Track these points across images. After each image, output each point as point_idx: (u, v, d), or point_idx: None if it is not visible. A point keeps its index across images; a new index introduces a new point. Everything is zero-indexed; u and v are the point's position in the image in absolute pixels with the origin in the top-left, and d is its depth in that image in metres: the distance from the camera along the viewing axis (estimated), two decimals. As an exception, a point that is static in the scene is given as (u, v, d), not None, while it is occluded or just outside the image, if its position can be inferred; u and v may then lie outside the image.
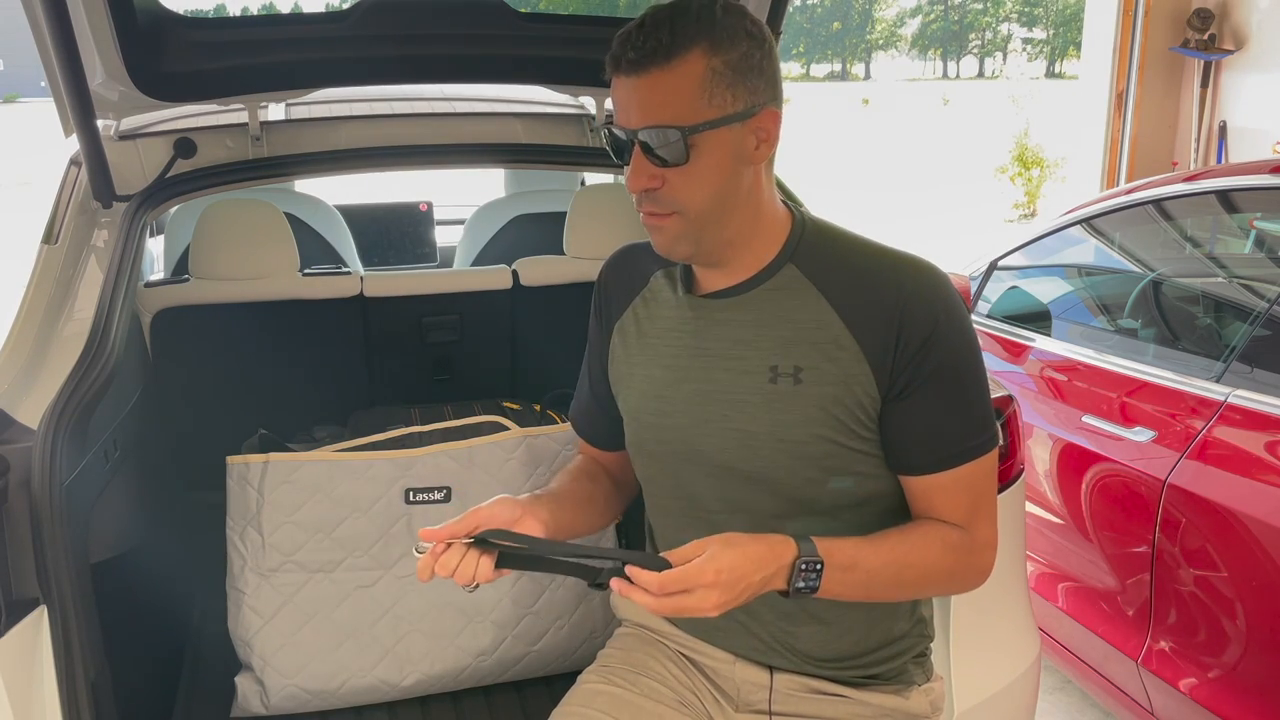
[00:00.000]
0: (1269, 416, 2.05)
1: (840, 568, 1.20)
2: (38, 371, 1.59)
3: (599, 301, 1.49)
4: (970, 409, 1.28)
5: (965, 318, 1.28)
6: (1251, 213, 2.63)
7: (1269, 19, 6.11)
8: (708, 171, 1.20)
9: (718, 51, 1.17)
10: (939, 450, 1.27)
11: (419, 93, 2.45)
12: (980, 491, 1.31)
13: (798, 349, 1.27)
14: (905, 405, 1.25)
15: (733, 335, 1.30)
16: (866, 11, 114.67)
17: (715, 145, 1.19)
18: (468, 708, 1.94)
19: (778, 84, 1.23)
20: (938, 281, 1.26)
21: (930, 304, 1.23)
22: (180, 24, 1.87)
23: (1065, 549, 2.57)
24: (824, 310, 1.26)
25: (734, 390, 1.29)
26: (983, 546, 1.32)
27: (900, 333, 1.22)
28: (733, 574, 1.13)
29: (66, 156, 2.02)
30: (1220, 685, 2.07)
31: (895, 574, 1.25)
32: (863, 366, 1.24)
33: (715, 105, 1.18)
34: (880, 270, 1.26)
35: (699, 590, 1.11)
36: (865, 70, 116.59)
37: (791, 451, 1.27)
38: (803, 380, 1.26)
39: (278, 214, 2.24)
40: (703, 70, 1.17)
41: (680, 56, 1.16)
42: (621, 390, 1.42)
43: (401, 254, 3.74)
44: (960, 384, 1.27)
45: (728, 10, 1.19)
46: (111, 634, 1.54)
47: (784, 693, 1.39)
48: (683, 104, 1.17)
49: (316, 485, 1.88)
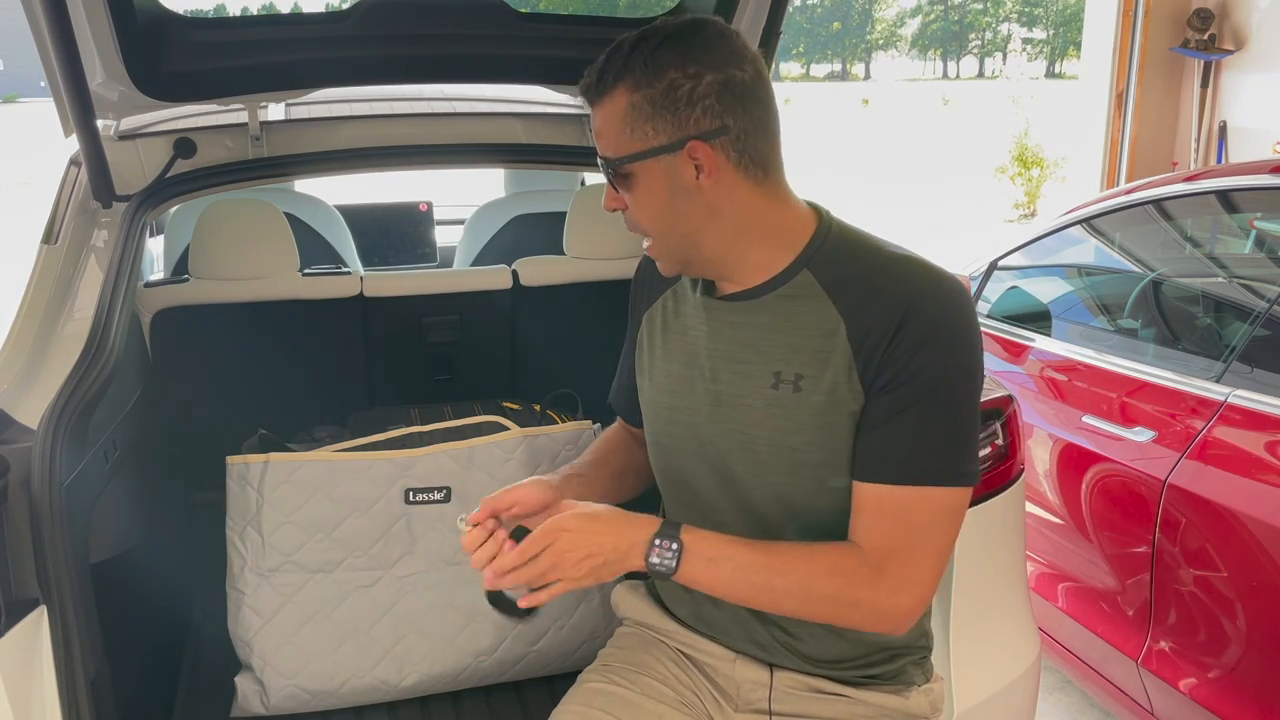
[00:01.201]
0: (1269, 416, 2.05)
1: (704, 557, 1.21)
2: (37, 371, 1.59)
3: (634, 293, 1.52)
4: (945, 434, 1.21)
5: (973, 338, 1.22)
6: (1251, 213, 2.63)
7: (1269, 19, 6.11)
8: (645, 199, 1.26)
9: (639, 87, 1.21)
10: (892, 460, 1.20)
11: (419, 93, 2.45)
12: (918, 527, 1.20)
13: (802, 356, 1.26)
14: (880, 401, 1.21)
15: (742, 339, 1.31)
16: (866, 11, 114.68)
17: (645, 175, 1.24)
18: (468, 708, 1.94)
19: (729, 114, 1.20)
20: (954, 292, 1.21)
21: (939, 311, 1.20)
22: (180, 24, 1.87)
23: (1065, 549, 2.57)
24: (832, 318, 1.25)
25: (739, 393, 1.30)
26: (891, 587, 1.19)
27: (898, 330, 1.19)
28: (581, 536, 1.20)
29: (66, 156, 2.02)
30: (1220, 685, 2.07)
31: (765, 580, 1.20)
32: (853, 374, 1.22)
33: (637, 139, 1.23)
34: (895, 273, 1.23)
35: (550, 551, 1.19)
36: (865, 70, 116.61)
37: (790, 458, 1.27)
38: (802, 389, 1.25)
39: (278, 214, 2.24)
40: (624, 106, 1.22)
41: (609, 93, 1.23)
42: (643, 380, 1.44)
43: (401, 254, 3.74)
44: (943, 402, 1.20)
45: (666, 44, 1.21)
46: (111, 634, 1.54)
47: (784, 691, 1.39)
48: (611, 137, 1.25)
49: (316, 485, 1.88)
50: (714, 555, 1.21)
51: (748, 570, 1.21)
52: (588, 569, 1.21)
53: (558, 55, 2.07)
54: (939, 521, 1.21)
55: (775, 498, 1.30)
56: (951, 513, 1.22)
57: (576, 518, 1.22)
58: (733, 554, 1.22)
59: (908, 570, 1.20)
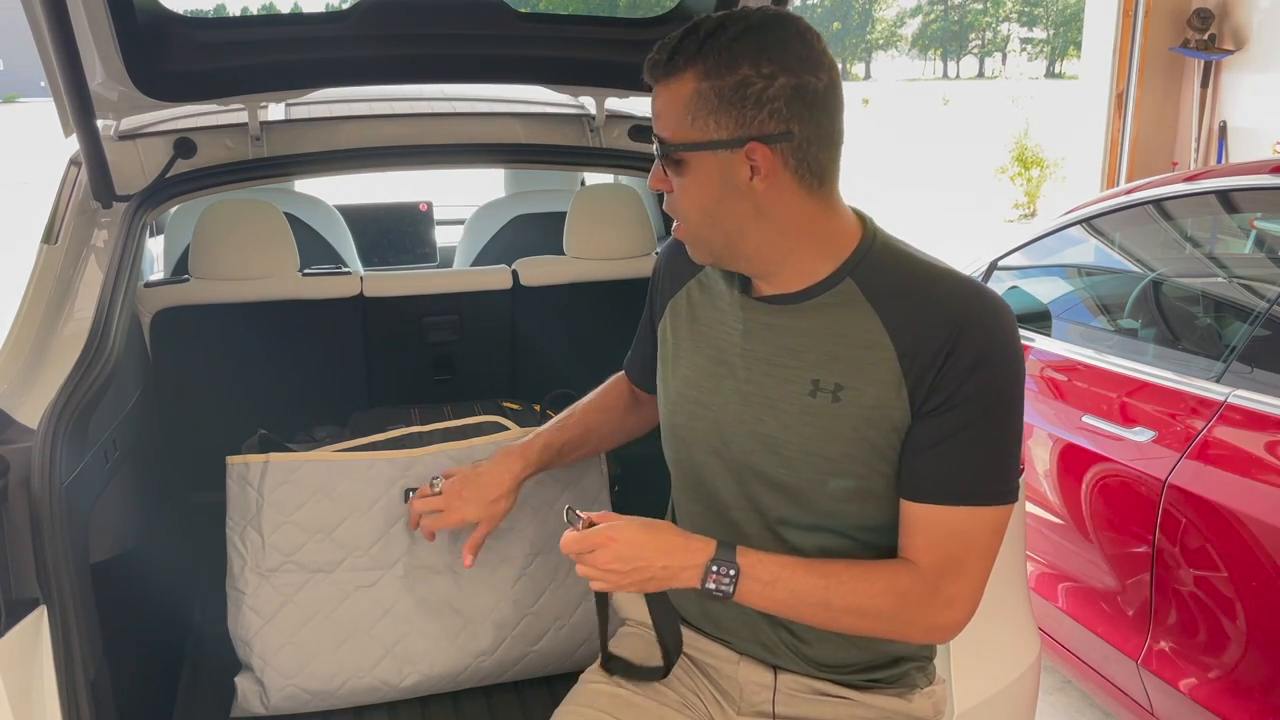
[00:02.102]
0: (1269, 416, 2.05)
1: (760, 580, 1.21)
2: (37, 371, 1.59)
3: (654, 283, 1.51)
4: (994, 452, 1.22)
5: (1020, 360, 1.23)
6: (1251, 213, 2.63)
7: (1269, 19, 6.11)
8: (695, 189, 1.23)
9: (709, 77, 1.17)
10: (943, 481, 1.21)
11: (419, 93, 2.45)
12: (970, 545, 1.22)
13: (842, 366, 1.24)
14: (932, 423, 1.21)
15: (781, 342, 1.29)
16: (866, 11, 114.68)
17: (698, 166, 1.21)
18: (468, 708, 1.94)
19: (795, 120, 1.17)
20: (1001, 315, 1.21)
21: (989, 333, 1.19)
22: (180, 24, 1.87)
23: (1065, 549, 2.57)
24: (876, 330, 1.23)
25: (772, 397, 1.28)
26: (945, 603, 1.23)
27: (950, 355, 1.18)
28: (629, 549, 1.23)
29: (66, 156, 2.02)
30: (1220, 685, 2.07)
31: (823, 600, 1.22)
32: (901, 392, 1.21)
33: (697, 128, 1.19)
34: (945, 294, 1.21)
35: (594, 552, 1.23)
36: (865, 70, 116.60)
37: (819, 466, 1.26)
38: (841, 399, 1.24)
39: (278, 214, 2.24)
40: (690, 92, 1.19)
41: (677, 75, 1.19)
42: (666, 370, 1.43)
43: (401, 254, 3.74)
44: (994, 423, 1.21)
45: (745, 36, 1.17)
46: (111, 634, 1.54)
47: (787, 693, 1.39)
48: (671, 120, 1.21)
49: (316, 485, 1.88)
50: (771, 579, 1.22)
51: (804, 591, 1.22)
52: (633, 580, 1.24)
53: (558, 55, 2.07)
54: (988, 538, 1.23)
55: (792, 502, 1.29)
56: (998, 529, 1.24)
57: (635, 529, 1.25)
58: (789, 576, 1.22)
59: (959, 586, 1.23)
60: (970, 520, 1.22)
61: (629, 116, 2.35)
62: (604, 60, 2.06)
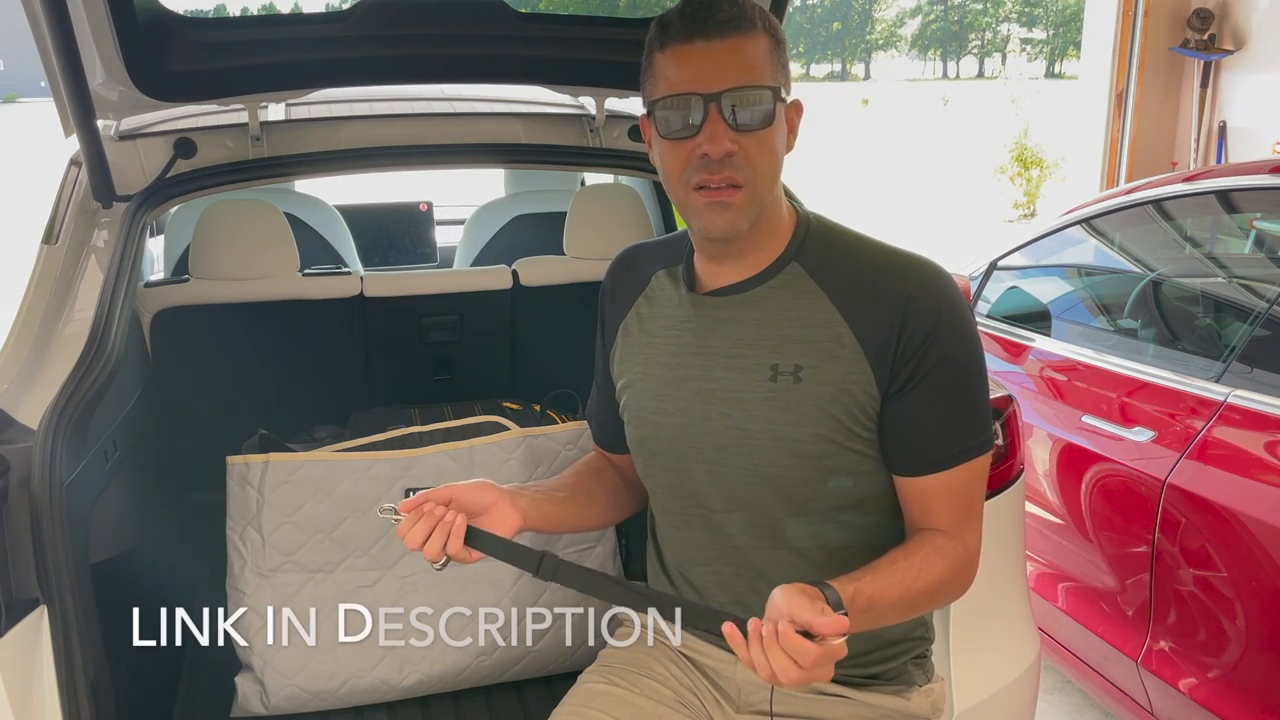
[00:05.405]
0: (1269, 416, 2.05)
1: (860, 611, 1.16)
2: (38, 371, 1.59)
3: (603, 306, 1.49)
4: (970, 408, 1.29)
5: (968, 317, 1.28)
6: (1251, 213, 2.63)
7: (1269, 19, 6.11)
8: (775, 140, 1.24)
9: (772, 32, 1.23)
10: (937, 450, 1.27)
11: (419, 93, 2.45)
12: (972, 496, 1.30)
13: (799, 348, 1.27)
14: (905, 402, 1.26)
15: (734, 333, 1.31)
16: (866, 11, 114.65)
17: (780, 116, 1.25)
18: (468, 708, 1.94)
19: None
20: (941, 280, 1.27)
21: (934, 300, 1.24)
22: (180, 24, 1.87)
23: (1065, 549, 2.57)
24: (826, 309, 1.27)
25: (734, 388, 1.30)
26: (974, 555, 1.31)
27: (902, 330, 1.23)
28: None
29: (66, 156, 2.02)
30: (1220, 685, 2.07)
31: (906, 603, 1.23)
32: (863, 365, 1.25)
33: (779, 79, 1.24)
34: (884, 268, 1.27)
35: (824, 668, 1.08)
36: (865, 70, 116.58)
37: (790, 450, 1.27)
38: (803, 379, 1.26)
39: (278, 214, 2.24)
40: (767, 44, 1.23)
41: (754, 29, 1.22)
42: (624, 389, 1.42)
43: (401, 254, 3.74)
44: (961, 382, 1.27)
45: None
46: (111, 634, 1.54)
47: (785, 693, 1.38)
48: (765, 69, 1.22)
49: (316, 485, 1.88)
50: (865, 606, 1.15)
51: (892, 605, 1.19)
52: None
53: (558, 55, 2.07)
54: (980, 484, 1.32)
55: (772, 492, 1.30)
56: (985, 473, 1.32)
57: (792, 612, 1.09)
58: (878, 597, 1.17)
59: (972, 532, 1.31)
60: (967, 474, 1.28)
61: (629, 116, 2.35)
62: (604, 60, 2.06)
